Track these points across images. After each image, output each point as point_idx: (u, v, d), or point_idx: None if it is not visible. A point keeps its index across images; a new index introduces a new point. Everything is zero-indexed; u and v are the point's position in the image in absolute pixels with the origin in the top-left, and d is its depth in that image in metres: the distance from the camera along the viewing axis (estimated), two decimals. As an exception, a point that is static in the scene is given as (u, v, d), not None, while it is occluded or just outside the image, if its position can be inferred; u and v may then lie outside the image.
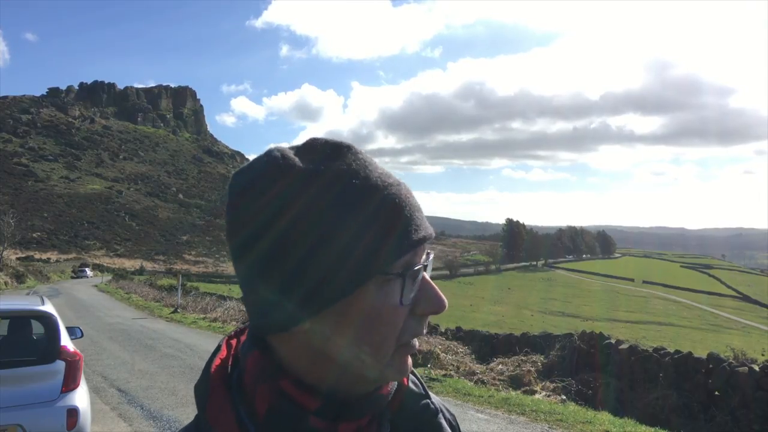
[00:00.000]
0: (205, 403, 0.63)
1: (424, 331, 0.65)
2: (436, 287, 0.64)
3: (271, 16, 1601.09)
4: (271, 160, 0.61)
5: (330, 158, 0.62)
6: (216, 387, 0.64)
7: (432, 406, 0.72)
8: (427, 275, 0.64)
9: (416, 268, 0.62)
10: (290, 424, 0.61)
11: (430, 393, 0.73)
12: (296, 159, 0.61)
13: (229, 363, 0.67)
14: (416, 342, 0.65)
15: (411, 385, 0.71)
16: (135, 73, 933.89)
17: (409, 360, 0.65)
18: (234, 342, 0.70)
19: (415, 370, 0.73)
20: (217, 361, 0.67)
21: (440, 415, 0.72)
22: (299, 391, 0.61)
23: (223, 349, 0.69)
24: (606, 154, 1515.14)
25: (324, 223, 0.58)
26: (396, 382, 0.69)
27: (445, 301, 0.64)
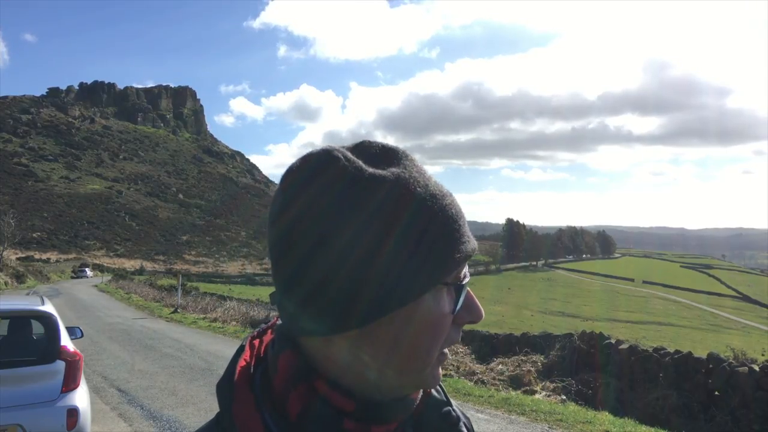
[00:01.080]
0: (230, 404, 0.62)
1: (458, 339, 0.66)
2: (476, 298, 0.65)
3: (268, 17, 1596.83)
4: (333, 160, 0.58)
5: (388, 163, 0.61)
6: (241, 387, 0.63)
7: (454, 413, 0.72)
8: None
9: (468, 279, 0.64)
10: (324, 425, 0.60)
11: (451, 400, 0.73)
12: (360, 162, 0.59)
13: (252, 363, 0.66)
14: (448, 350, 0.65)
15: (433, 392, 0.72)
16: (133, 74, 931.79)
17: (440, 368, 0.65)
18: (257, 342, 0.69)
19: None
20: (242, 362, 0.66)
21: (461, 423, 0.72)
22: (335, 393, 0.60)
23: (247, 350, 0.68)
24: (605, 154, 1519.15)
25: (391, 230, 0.57)
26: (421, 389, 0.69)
27: (483, 311, 0.65)
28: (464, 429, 0.72)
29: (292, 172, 0.59)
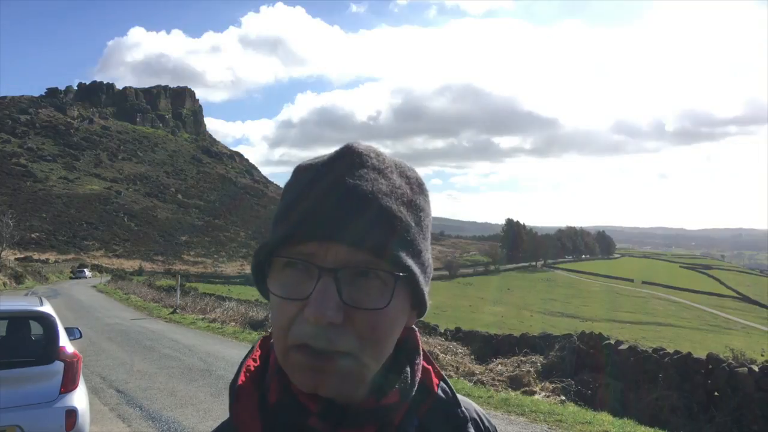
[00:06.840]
0: (231, 403, 0.65)
1: (315, 340, 0.58)
2: (325, 297, 0.57)
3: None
4: None
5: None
6: (245, 387, 0.65)
7: (462, 414, 0.71)
8: (328, 282, 0.58)
9: (284, 258, 0.60)
10: (291, 419, 0.62)
11: (460, 401, 0.72)
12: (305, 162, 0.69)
13: (260, 363, 0.69)
14: (313, 354, 0.58)
15: (440, 392, 0.71)
16: (126, 76, 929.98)
17: (315, 376, 0.59)
18: (270, 343, 0.70)
19: (446, 378, 0.73)
20: (249, 361, 0.68)
21: (469, 424, 0.71)
22: (303, 391, 0.62)
23: (257, 349, 0.70)
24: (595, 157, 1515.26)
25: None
26: (401, 392, 0.65)
27: (323, 313, 0.57)
28: (471, 429, 0.71)
29: None
